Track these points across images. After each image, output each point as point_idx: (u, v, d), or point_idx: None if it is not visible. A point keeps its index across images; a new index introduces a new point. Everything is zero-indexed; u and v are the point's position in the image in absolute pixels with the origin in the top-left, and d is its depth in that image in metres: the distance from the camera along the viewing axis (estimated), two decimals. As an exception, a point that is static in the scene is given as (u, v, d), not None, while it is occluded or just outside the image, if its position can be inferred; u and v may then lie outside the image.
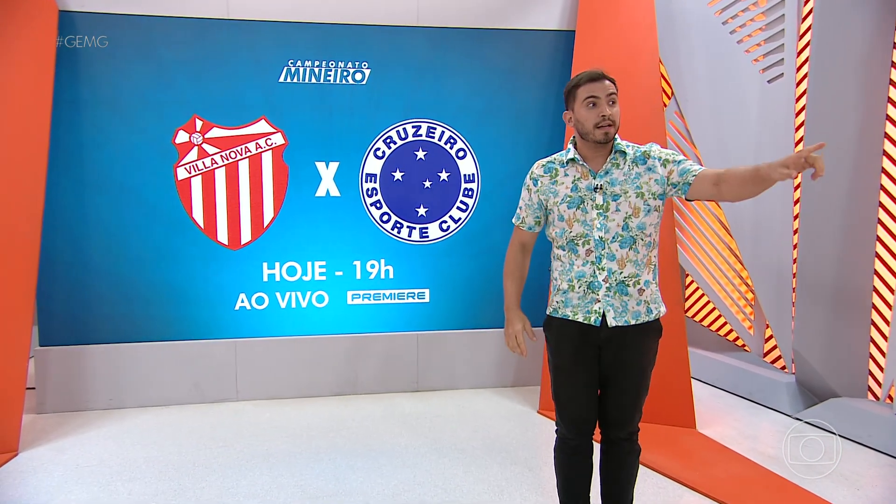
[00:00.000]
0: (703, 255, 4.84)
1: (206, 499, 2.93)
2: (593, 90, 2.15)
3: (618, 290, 2.17)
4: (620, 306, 2.18)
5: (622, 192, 2.16)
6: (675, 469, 3.22)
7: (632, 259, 2.17)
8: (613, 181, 2.18)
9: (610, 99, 2.15)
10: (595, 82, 2.16)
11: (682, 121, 4.80)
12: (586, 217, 2.18)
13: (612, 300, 2.18)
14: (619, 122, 2.17)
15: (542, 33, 4.47)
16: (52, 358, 4.06)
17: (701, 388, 4.62)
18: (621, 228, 2.16)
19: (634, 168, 2.19)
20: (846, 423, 3.71)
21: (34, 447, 3.52)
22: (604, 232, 2.16)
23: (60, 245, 4.04)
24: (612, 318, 2.17)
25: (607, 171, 2.19)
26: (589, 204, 2.18)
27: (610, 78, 2.19)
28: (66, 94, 3.96)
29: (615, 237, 2.16)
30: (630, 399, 2.25)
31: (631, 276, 2.18)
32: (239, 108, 4.20)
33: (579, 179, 2.21)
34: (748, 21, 4.36)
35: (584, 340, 2.22)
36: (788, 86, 4.16)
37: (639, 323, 2.19)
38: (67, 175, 4.03)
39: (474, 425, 3.86)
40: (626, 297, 2.18)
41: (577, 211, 2.19)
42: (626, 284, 2.18)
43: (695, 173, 2.11)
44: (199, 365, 4.25)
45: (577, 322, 2.21)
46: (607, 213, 2.17)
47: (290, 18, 4.19)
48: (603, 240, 2.17)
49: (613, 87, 2.17)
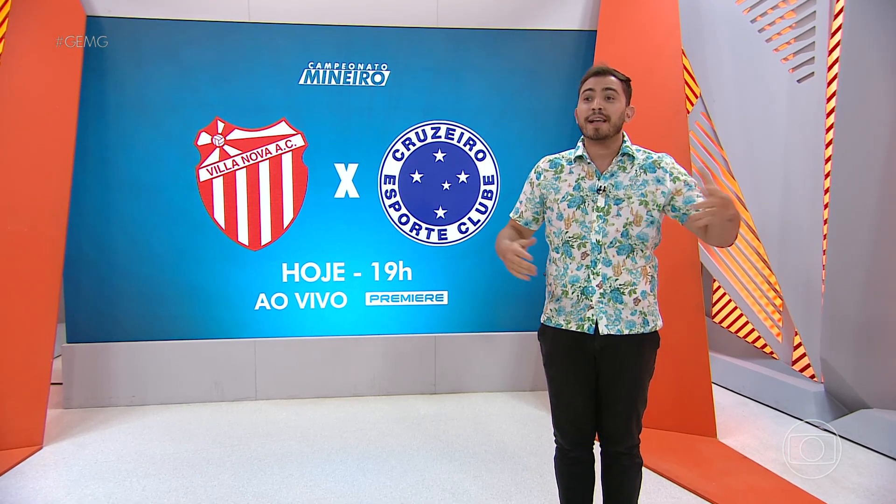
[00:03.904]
0: (729, 259, 4.71)
1: (216, 497, 2.96)
2: (590, 83, 2.11)
3: (612, 298, 2.11)
4: (614, 314, 2.11)
5: (626, 197, 2.10)
6: (691, 479, 3.14)
7: (628, 267, 2.11)
8: (618, 184, 2.12)
9: (606, 94, 2.08)
10: (596, 76, 2.11)
11: (708, 122, 4.69)
12: (585, 218, 2.12)
13: (606, 307, 2.11)
14: (616, 120, 2.09)
15: (564, 33, 4.41)
16: (78, 354, 4.17)
17: (726, 396, 4.50)
18: (620, 234, 2.10)
19: (642, 175, 2.13)
20: (876, 436, 3.57)
21: (58, 441, 3.61)
22: (601, 235, 2.10)
23: (86, 244, 4.14)
24: (605, 326, 2.11)
25: (613, 174, 2.13)
26: (590, 205, 2.12)
27: (618, 74, 2.13)
28: (93, 96, 4.06)
29: (613, 242, 2.10)
30: (626, 412, 2.17)
31: (626, 285, 2.11)
32: (260, 110, 4.24)
33: (583, 179, 2.15)
34: (777, 19, 4.23)
35: (579, 350, 2.15)
36: (819, 85, 4.02)
37: (633, 333, 2.12)
38: (93, 176, 4.13)
39: (488, 429, 3.83)
40: (621, 306, 2.11)
41: (577, 211, 2.14)
42: (620, 293, 2.11)
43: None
44: (220, 364, 4.31)
45: (571, 331, 2.16)
46: (607, 216, 2.10)
47: (311, 21, 4.22)
48: (600, 243, 2.10)
49: (615, 83, 2.09)
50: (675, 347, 3.78)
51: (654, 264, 2.20)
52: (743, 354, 4.83)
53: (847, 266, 3.70)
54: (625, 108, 2.13)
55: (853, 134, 3.61)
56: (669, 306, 3.79)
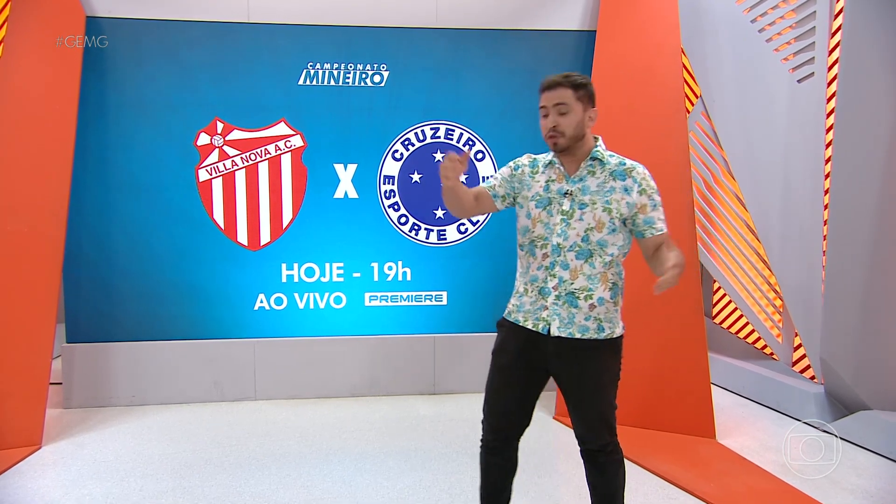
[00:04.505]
0: (729, 259, 4.70)
1: (213, 497, 2.96)
2: (543, 100, 2.13)
3: (566, 301, 2.11)
4: (567, 317, 2.11)
5: (590, 203, 2.11)
6: (689, 480, 3.13)
7: (585, 272, 2.11)
8: (585, 189, 2.13)
9: (558, 109, 2.08)
10: (546, 91, 2.12)
11: (708, 122, 4.68)
12: (550, 220, 2.14)
13: (560, 310, 2.11)
14: (572, 132, 2.09)
15: (563, 33, 4.41)
16: (77, 354, 4.17)
17: (725, 397, 4.49)
18: (580, 239, 2.10)
19: (611, 181, 2.12)
20: (876, 437, 3.55)
21: (57, 441, 3.62)
22: (562, 239, 2.11)
23: (86, 244, 4.15)
24: (556, 328, 2.11)
25: (582, 178, 2.14)
26: (555, 207, 2.14)
27: (574, 80, 2.11)
28: (93, 96, 4.06)
29: (573, 246, 2.11)
30: (591, 417, 2.19)
31: (582, 289, 2.11)
32: (259, 110, 4.25)
33: (553, 181, 2.17)
34: (777, 19, 4.22)
35: (531, 348, 2.17)
36: (819, 85, 4.01)
37: (586, 338, 2.12)
38: (93, 176, 4.13)
39: (487, 430, 3.82)
40: (575, 310, 2.11)
41: (544, 212, 2.16)
42: (575, 297, 2.11)
43: (654, 232, 2.11)
44: (219, 364, 4.31)
45: (527, 329, 2.17)
46: (570, 220, 2.11)
47: (310, 21, 4.22)
48: (560, 246, 2.11)
49: (566, 96, 2.08)
50: (674, 348, 3.78)
51: (617, 272, 2.18)
52: (743, 355, 4.82)
53: (847, 267, 3.69)
54: (582, 116, 2.11)
55: (853, 134, 3.60)
56: (668, 307, 3.80)
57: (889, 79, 3.52)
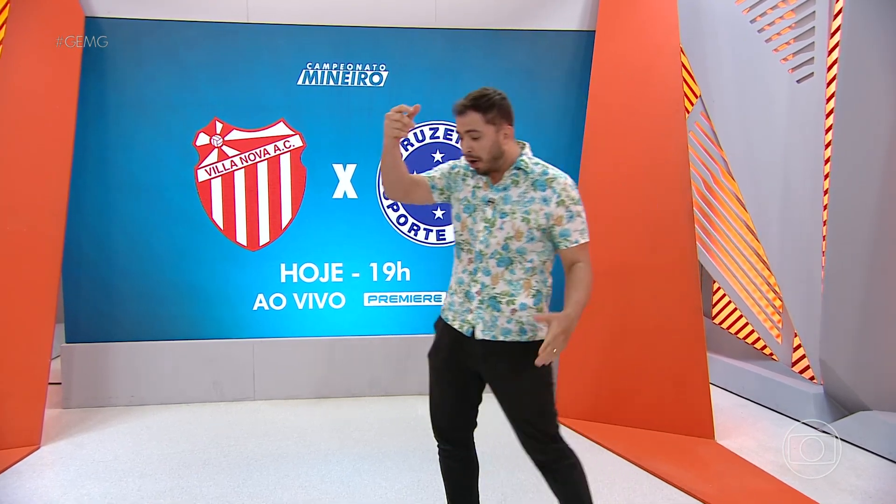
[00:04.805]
0: (729, 260, 4.69)
1: (211, 497, 2.96)
2: (457, 124, 2.12)
3: (489, 305, 2.13)
4: (490, 320, 2.13)
5: (510, 212, 2.12)
6: (688, 480, 3.12)
7: (506, 278, 2.12)
8: (507, 198, 2.13)
9: (470, 135, 2.07)
10: (458, 116, 2.10)
11: (708, 122, 4.67)
12: (474, 227, 2.16)
13: (484, 313, 2.13)
14: (488, 156, 2.08)
15: (562, 33, 4.41)
16: (77, 354, 4.17)
17: (725, 397, 4.49)
18: (501, 247, 2.12)
19: (531, 191, 2.12)
20: (875, 438, 3.55)
21: (56, 441, 3.62)
22: (484, 246, 2.13)
23: (86, 244, 4.15)
24: (480, 331, 2.13)
25: (505, 187, 2.15)
26: (479, 214, 2.16)
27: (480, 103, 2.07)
28: (92, 96, 4.07)
29: (494, 254, 2.12)
30: (522, 422, 2.17)
31: (504, 294, 2.12)
32: (258, 110, 4.25)
33: (479, 188, 2.19)
34: (777, 19, 4.22)
35: (459, 348, 2.19)
36: (818, 85, 4.00)
37: (509, 341, 2.12)
38: (92, 176, 4.13)
39: (486, 430, 3.78)
40: (497, 314, 2.12)
41: (469, 218, 2.18)
42: (497, 301, 2.12)
43: (568, 244, 2.10)
44: (218, 364, 4.31)
45: (455, 329, 2.19)
46: (492, 228, 2.12)
47: (309, 22, 4.22)
48: (482, 253, 2.13)
49: (476, 122, 2.06)
50: (673, 348, 3.78)
51: (542, 279, 2.18)
52: (742, 356, 4.82)
53: (846, 267, 3.69)
54: (495, 137, 2.08)
55: (853, 134, 3.60)
56: (667, 306, 3.80)
57: (888, 79, 3.52)
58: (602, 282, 3.94)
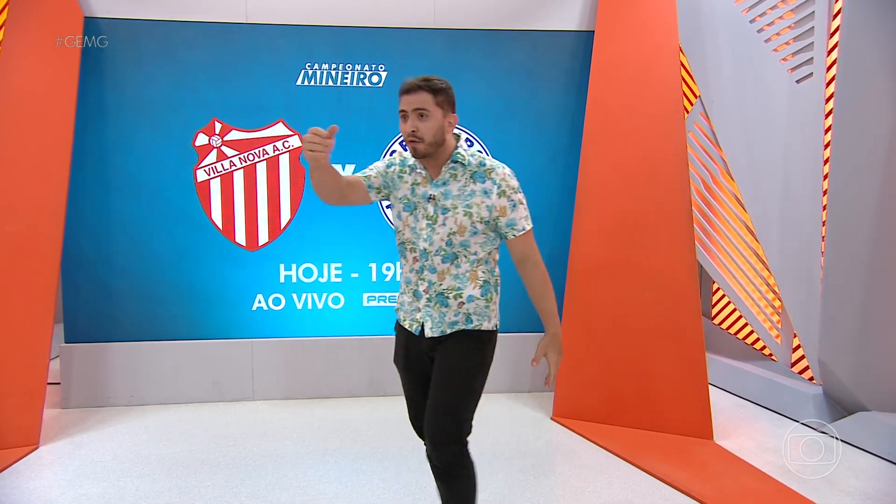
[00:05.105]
0: (728, 260, 4.69)
1: (209, 497, 2.96)
2: (402, 103, 2.05)
3: (438, 302, 2.13)
4: (438, 317, 2.13)
5: (452, 207, 2.09)
6: (686, 481, 3.12)
7: (452, 273, 2.12)
8: (447, 193, 2.10)
9: (418, 113, 2.01)
10: (406, 95, 2.04)
11: (707, 122, 4.67)
12: (416, 225, 2.13)
13: (432, 311, 2.14)
14: (432, 138, 2.03)
15: (562, 34, 4.40)
16: (76, 354, 4.18)
17: (724, 398, 4.48)
18: (445, 243, 2.10)
19: (470, 184, 2.10)
20: (875, 439, 3.54)
21: (54, 441, 3.62)
22: (428, 244, 2.11)
23: (85, 244, 4.15)
24: (429, 329, 2.14)
25: (445, 182, 2.12)
26: (421, 212, 2.13)
27: (433, 84, 2.03)
28: (91, 96, 4.07)
29: (438, 251, 2.11)
30: (440, 405, 2.10)
31: (451, 289, 2.12)
32: (257, 110, 4.25)
33: (418, 185, 2.15)
34: (776, 19, 4.21)
35: (412, 346, 2.21)
36: (818, 86, 4.00)
37: (455, 331, 2.14)
38: (91, 176, 4.14)
39: (485, 430, 3.81)
40: (445, 309, 2.13)
41: (411, 217, 2.15)
42: (445, 297, 2.12)
43: (515, 234, 2.11)
44: (217, 364, 4.31)
45: (406, 328, 2.22)
46: (435, 225, 2.10)
47: (308, 22, 4.22)
48: (427, 251, 2.12)
49: (426, 101, 2.01)
50: (671, 348, 3.78)
51: (489, 269, 2.18)
52: (742, 356, 4.81)
53: (846, 268, 3.68)
54: (442, 121, 2.05)
55: (852, 134, 3.59)
56: (666, 307, 3.80)
57: (888, 79, 3.51)
58: (601, 281, 3.97)
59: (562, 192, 4.48)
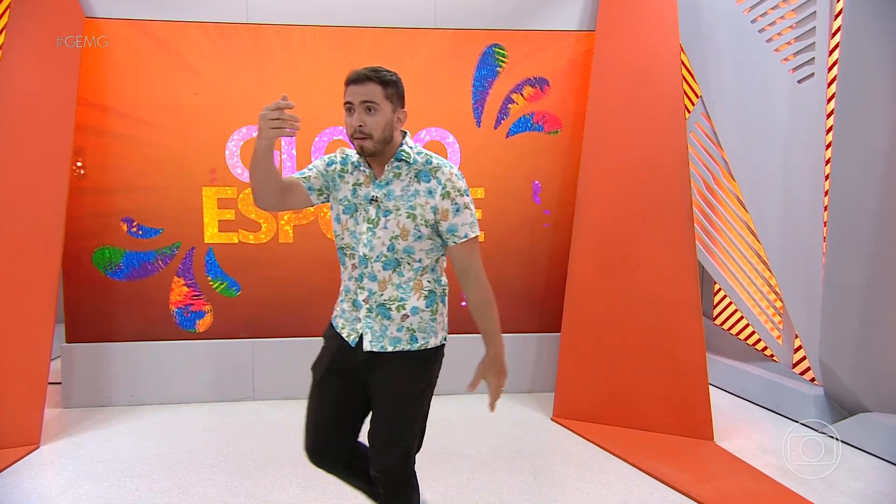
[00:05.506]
0: (729, 260, 4.68)
1: (209, 497, 2.96)
2: (348, 94, 1.89)
3: (379, 313, 1.97)
4: (380, 330, 1.97)
5: (394, 209, 1.93)
6: (685, 482, 3.11)
7: (394, 282, 1.96)
8: (390, 194, 1.94)
9: (365, 106, 1.86)
10: (352, 85, 1.88)
11: (708, 122, 4.66)
12: (357, 229, 1.97)
13: (373, 322, 1.97)
14: (380, 134, 1.88)
15: (562, 34, 4.39)
16: (77, 354, 4.18)
17: (725, 399, 4.47)
18: (386, 248, 1.94)
19: (414, 184, 1.94)
20: (876, 440, 3.53)
21: (55, 441, 3.63)
22: (368, 249, 1.95)
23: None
24: (369, 342, 1.97)
25: (388, 182, 1.95)
26: (362, 214, 1.97)
27: (382, 75, 1.89)
28: (92, 96, 4.07)
29: (379, 256, 1.95)
30: (385, 434, 1.98)
31: (393, 300, 1.96)
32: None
33: (360, 185, 1.98)
34: (778, 19, 4.20)
35: (345, 358, 2.02)
36: (819, 86, 3.99)
37: (397, 350, 1.97)
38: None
39: (484, 431, 3.82)
40: (388, 322, 1.96)
41: (351, 220, 1.99)
42: (387, 308, 1.96)
43: (456, 241, 1.95)
44: (218, 364, 4.32)
45: (343, 338, 2.03)
46: (376, 228, 1.94)
47: (309, 22, 4.21)
48: (367, 257, 1.95)
49: (375, 93, 1.86)
50: (671, 349, 3.77)
51: (434, 278, 2.03)
52: (743, 357, 4.80)
53: (847, 268, 3.67)
54: (391, 116, 1.91)
55: (853, 135, 3.58)
56: (666, 307, 3.79)
57: (889, 79, 3.50)
58: (602, 282, 3.96)
59: (562, 191, 4.46)
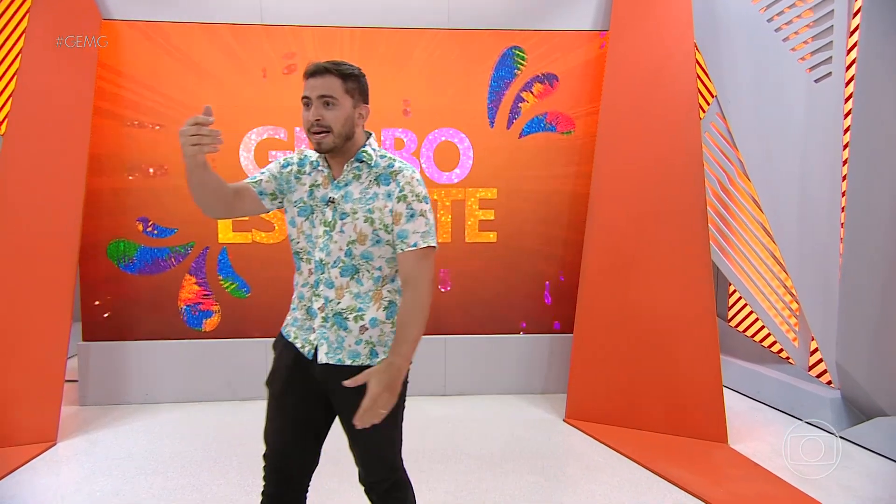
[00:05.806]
0: (744, 262, 4.63)
1: (221, 495, 2.99)
2: (306, 88, 1.80)
3: (335, 323, 1.86)
4: (336, 341, 1.86)
5: (351, 212, 1.83)
6: (699, 485, 3.09)
7: (352, 290, 1.85)
8: (348, 196, 1.84)
9: (323, 100, 1.77)
10: (311, 78, 1.79)
11: (724, 122, 4.62)
12: (313, 232, 1.87)
13: (328, 333, 1.86)
14: (341, 129, 1.79)
15: (575, 34, 4.38)
16: (93, 353, 4.23)
17: (740, 401, 4.43)
18: (344, 254, 1.84)
19: (374, 187, 1.85)
20: (893, 444, 3.49)
21: (71, 438, 3.67)
22: (325, 254, 1.84)
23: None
24: (325, 354, 1.86)
25: (347, 183, 1.86)
26: (318, 217, 1.86)
27: (343, 69, 1.79)
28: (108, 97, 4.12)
29: (336, 262, 1.84)
30: (364, 452, 1.96)
31: (350, 309, 1.85)
32: (268, 111, 4.27)
33: (318, 186, 1.88)
34: (794, 18, 4.16)
35: (300, 371, 1.92)
36: (837, 85, 3.95)
37: (357, 364, 1.87)
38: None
39: (496, 432, 3.82)
40: (345, 333, 1.86)
41: (306, 222, 1.88)
42: (344, 318, 1.85)
43: (403, 248, 1.83)
44: (232, 363, 4.35)
45: (297, 349, 1.93)
46: (332, 232, 1.84)
47: (322, 24, 4.23)
48: (323, 263, 1.85)
49: (334, 87, 1.77)
50: (685, 350, 3.74)
51: (395, 289, 1.92)
52: (758, 359, 4.76)
53: (863, 270, 3.63)
54: (352, 111, 1.82)
55: (871, 135, 3.54)
56: (680, 308, 3.76)
57: (908, 78, 3.45)
58: (615, 283, 3.94)
59: (575, 192, 4.45)
